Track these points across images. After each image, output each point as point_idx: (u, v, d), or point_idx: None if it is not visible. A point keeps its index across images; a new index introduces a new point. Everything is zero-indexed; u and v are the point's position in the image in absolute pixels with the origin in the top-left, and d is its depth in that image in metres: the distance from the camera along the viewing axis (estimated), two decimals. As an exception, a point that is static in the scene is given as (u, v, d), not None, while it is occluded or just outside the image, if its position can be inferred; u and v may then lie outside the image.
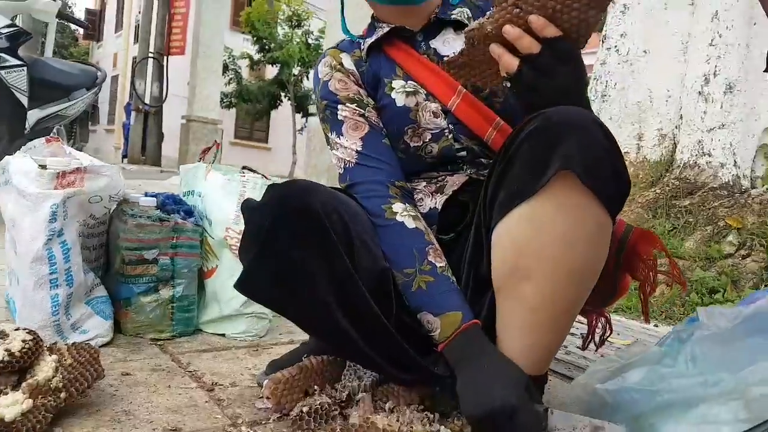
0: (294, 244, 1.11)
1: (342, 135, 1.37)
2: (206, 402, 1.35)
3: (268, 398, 1.29)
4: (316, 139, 7.87)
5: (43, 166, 1.64)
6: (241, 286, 1.19)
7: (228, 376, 1.52)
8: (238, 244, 1.75)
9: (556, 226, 1.04)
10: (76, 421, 1.20)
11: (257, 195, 1.57)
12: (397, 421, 1.06)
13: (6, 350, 1.23)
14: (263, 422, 1.26)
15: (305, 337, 1.90)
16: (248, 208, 1.20)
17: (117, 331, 1.75)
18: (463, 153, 1.36)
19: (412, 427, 1.05)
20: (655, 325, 2.78)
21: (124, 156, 15.61)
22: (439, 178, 1.38)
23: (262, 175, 2.07)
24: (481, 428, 1.08)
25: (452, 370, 1.15)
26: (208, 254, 1.89)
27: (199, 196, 1.99)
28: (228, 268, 1.84)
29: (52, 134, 4.38)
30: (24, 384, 1.20)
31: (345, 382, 1.25)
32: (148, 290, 1.75)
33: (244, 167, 2.09)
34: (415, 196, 1.38)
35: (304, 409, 1.14)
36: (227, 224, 1.84)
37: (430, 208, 1.36)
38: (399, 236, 1.26)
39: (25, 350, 1.25)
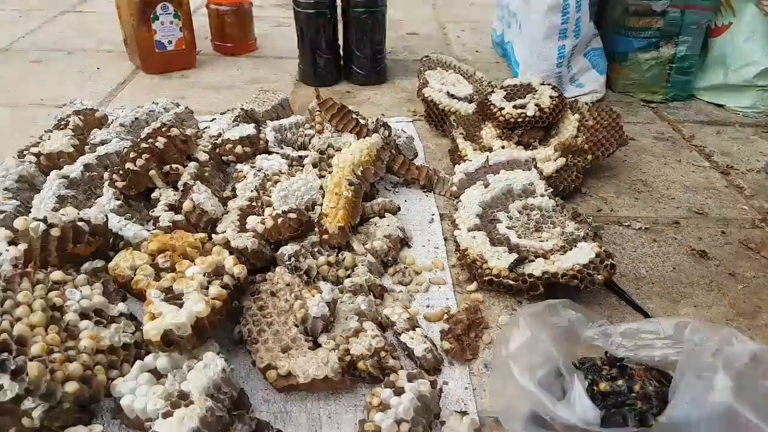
0: None
1: None
2: (725, 187, 1.24)
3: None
4: None
5: None
6: None
7: (740, 159, 1.36)
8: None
9: None
10: (597, 184, 1.25)
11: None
12: None
13: (536, 105, 1.30)
14: (805, 228, 1.11)
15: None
16: None
17: (606, 87, 1.70)
18: None
19: None
20: None
21: None
22: None
23: None
24: None
25: None
26: (723, 8, 1.58)
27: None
28: (747, 27, 1.53)
29: None
30: (555, 142, 1.28)
31: None
32: (648, 46, 1.60)
33: None
34: None
35: None
36: (759, -31, 1.46)
37: None
38: None
39: (552, 106, 1.30)
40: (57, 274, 0.73)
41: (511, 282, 0.91)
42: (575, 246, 0.94)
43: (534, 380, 0.68)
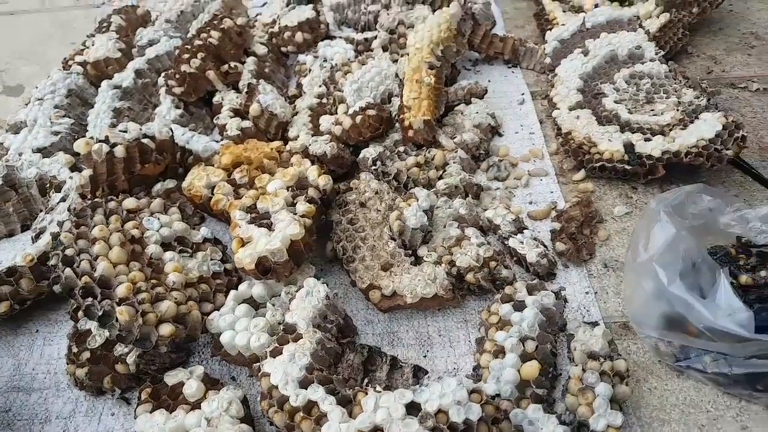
0: None
1: None
2: None
3: None
4: None
5: None
6: None
7: None
8: None
9: None
10: (704, 41, 1.07)
11: None
12: None
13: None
14: None
15: None
16: None
17: None
18: None
19: None
20: None
21: None
22: None
23: None
24: None
25: None
26: None
27: None
28: None
29: None
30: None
31: None
32: None
33: None
34: None
35: None
36: None
37: None
38: None
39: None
40: (130, 202, 0.67)
41: (627, 167, 0.79)
42: (696, 118, 0.80)
43: (681, 282, 0.59)
